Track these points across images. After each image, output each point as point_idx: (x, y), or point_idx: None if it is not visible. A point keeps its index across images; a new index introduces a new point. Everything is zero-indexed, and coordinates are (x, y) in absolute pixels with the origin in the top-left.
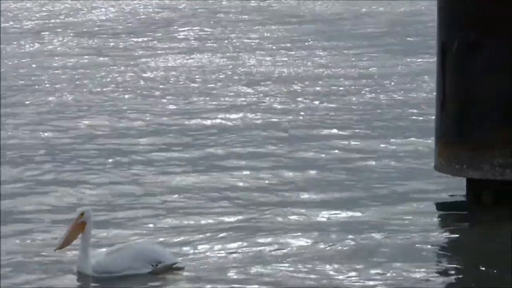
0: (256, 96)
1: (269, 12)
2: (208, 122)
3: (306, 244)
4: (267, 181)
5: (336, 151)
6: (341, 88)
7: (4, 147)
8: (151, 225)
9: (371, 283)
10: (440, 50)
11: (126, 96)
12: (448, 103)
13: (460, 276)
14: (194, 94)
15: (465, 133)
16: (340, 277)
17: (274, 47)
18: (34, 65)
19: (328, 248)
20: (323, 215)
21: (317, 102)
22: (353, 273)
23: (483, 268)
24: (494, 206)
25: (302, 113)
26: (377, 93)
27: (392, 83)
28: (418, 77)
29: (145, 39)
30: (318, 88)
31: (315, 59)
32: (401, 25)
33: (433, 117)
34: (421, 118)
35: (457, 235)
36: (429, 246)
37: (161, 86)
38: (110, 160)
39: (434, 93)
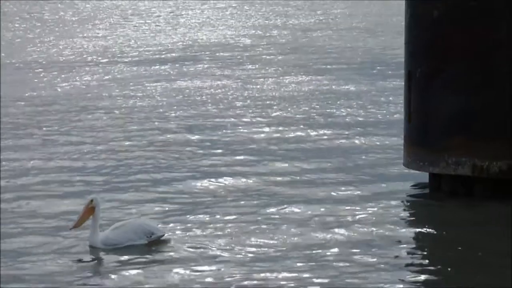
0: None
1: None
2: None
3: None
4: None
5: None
6: (330, 108)
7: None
8: (145, 206)
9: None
10: (406, 75)
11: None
12: (413, 117)
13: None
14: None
15: (426, 139)
16: (302, 269)
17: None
18: (95, 91)
19: (298, 238)
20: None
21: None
22: (313, 264)
23: (443, 248)
24: (450, 194)
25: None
26: (355, 107)
27: (368, 100)
28: (389, 96)
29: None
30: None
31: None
32: (378, 56)
33: (401, 126)
34: (391, 126)
35: (420, 218)
36: (396, 219)
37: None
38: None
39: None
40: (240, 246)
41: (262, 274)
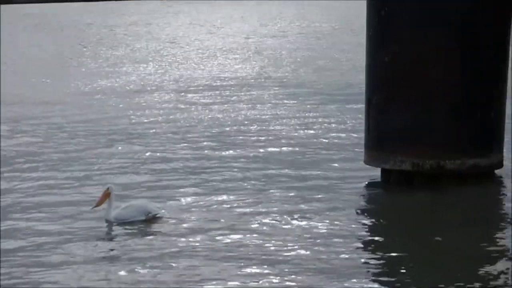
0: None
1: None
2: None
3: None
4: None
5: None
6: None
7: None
8: (148, 191)
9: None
10: (366, 101)
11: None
12: (371, 131)
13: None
14: None
15: (380, 145)
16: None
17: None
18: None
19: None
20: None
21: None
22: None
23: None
24: (396, 185)
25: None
26: (325, 123)
27: (335, 119)
28: (355, 116)
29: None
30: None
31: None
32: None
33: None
34: (354, 135)
35: (373, 204)
36: (355, 204)
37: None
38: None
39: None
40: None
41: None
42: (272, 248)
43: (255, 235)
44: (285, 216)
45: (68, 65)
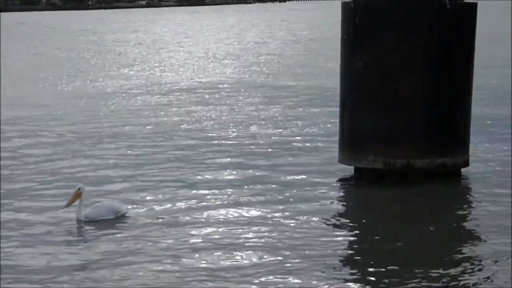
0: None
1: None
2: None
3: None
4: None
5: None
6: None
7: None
8: (116, 192)
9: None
10: (341, 104)
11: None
12: (345, 132)
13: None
14: None
15: (353, 146)
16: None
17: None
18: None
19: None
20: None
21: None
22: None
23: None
24: (369, 182)
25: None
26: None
27: (311, 121)
28: (330, 118)
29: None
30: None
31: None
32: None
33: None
34: (330, 136)
35: (347, 200)
36: (330, 199)
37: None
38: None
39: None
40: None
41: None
42: (247, 242)
43: (226, 229)
44: (260, 212)
45: (52, 69)
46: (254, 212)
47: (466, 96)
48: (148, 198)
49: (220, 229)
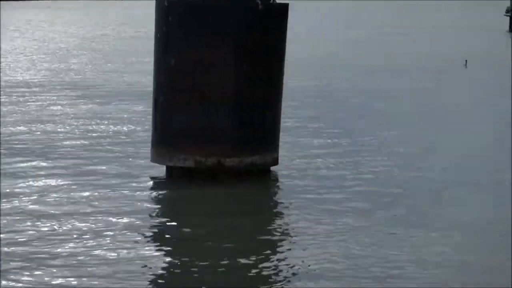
0: None
1: None
2: None
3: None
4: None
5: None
6: None
7: None
8: None
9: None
10: (153, 101)
11: None
12: (157, 130)
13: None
14: None
15: (166, 143)
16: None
17: None
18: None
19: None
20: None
21: None
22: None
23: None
24: (181, 181)
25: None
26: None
27: (124, 119)
28: (144, 116)
29: None
30: None
31: None
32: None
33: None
34: (143, 134)
35: (158, 199)
36: (142, 198)
37: None
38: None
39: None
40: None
41: None
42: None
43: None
44: (65, 214)
45: None
46: (59, 216)
47: (276, 96)
48: None
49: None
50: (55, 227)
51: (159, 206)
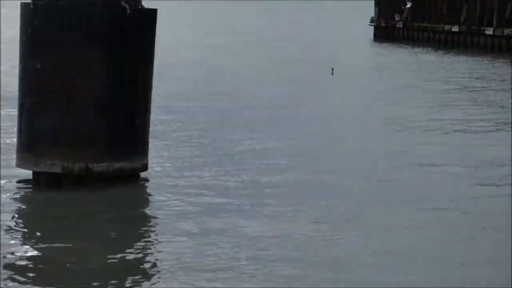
0: None
1: None
2: None
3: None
4: None
5: None
6: None
7: None
8: None
9: None
10: (19, 106)
11: None
12: (22, 135)
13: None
14: None
15: (31, 148)
16: None
17: None
18: None
19: None
20: None
21: None
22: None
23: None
24: (47, 187)
25: None
26: None
27: None
28: (10, 120)
29: None
30: None
31: None
32: None
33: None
34: (8, 138)
35: (24, 207)
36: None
37: None
38: None
39: None
40: None
41: None
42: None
43: None
44: None
45: None
46: None
47: (145, 102)
48: None
49: None
50: None
51: (22, 214)
